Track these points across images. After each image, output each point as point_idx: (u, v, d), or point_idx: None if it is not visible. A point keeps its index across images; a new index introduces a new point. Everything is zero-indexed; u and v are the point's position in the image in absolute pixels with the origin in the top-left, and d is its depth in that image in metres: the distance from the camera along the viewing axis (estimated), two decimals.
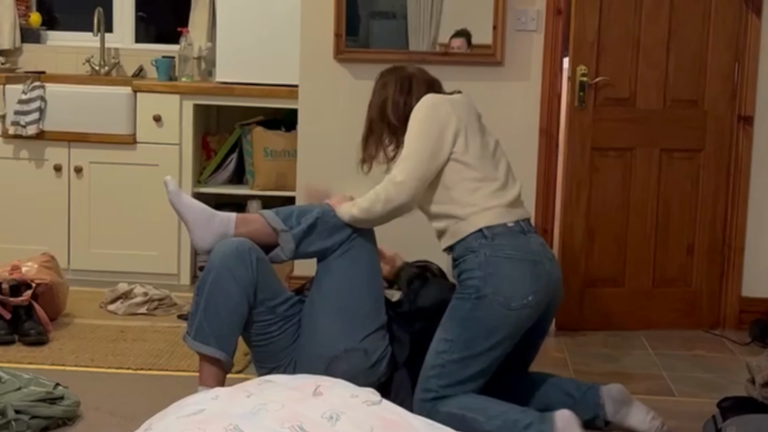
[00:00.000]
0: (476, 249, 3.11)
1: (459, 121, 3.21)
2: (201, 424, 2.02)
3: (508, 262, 3.10)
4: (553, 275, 3.20)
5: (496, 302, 3.07)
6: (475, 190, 3.17)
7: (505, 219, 3.16)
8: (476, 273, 3.09)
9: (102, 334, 4.16)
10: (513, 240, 3.13)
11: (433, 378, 3.11)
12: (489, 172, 3.21)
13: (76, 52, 5.55)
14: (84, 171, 5.01)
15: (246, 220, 3.28)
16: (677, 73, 4.45)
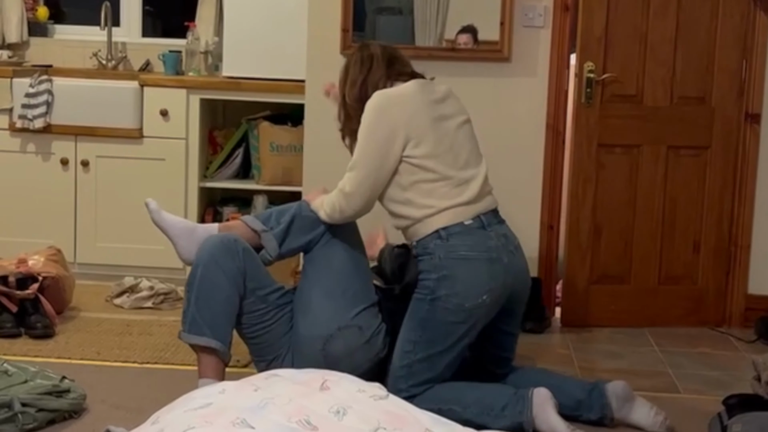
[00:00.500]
0: (432, 251, 3.16)
1: (408, 123, 3.19)
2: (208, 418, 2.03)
3: (462, 262, 3.14)
4: (512, 268, 3.23)
5: (450, 303, 3.13)
6: (431, 191, 3.19)
7: (463, 217, 3.18)
8: (431, 275, 3.15)
9: (108, 327, 4.17)
10: (469, 238, 3.16)
11: (402, 378, 3.17)
12: (445, 170, 3.20)
13: (83, 46, 5.56)
14: (91, 165, 5.02)
15: (228, 227, 3.39)
16: (684, 70, 4.44)
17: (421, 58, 4.59)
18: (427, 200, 3.18)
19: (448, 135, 3.26)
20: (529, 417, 3.07)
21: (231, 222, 3.45)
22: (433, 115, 3.26)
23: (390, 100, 3.24)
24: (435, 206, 3.18)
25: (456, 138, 3.28)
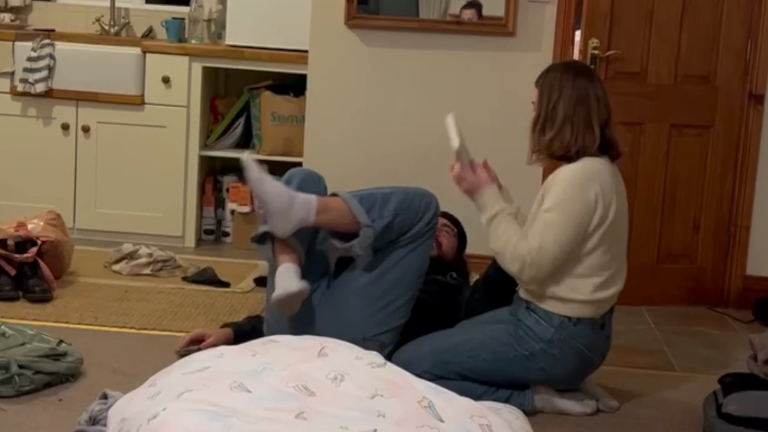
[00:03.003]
0: (556, 326, 3.05)
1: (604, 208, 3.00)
2: (206, 381, 2.03)
3: (576, 356, 3.07)
4: (597, 366, 3.20)
5: (537, 372, 3.09)
6: (586, 277, 3.04)
7: (597, 313, 3.09)
8: (541, 345, 3.05)
9: (106, 293, 4.17)
10: (590, 336, 3.07)
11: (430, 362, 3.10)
12: (606, 262, 3.05)
13: (86, 11, 5.53)
14: (91, 130, 5.00)
15: (327, 206, 3.12)
16: (689, 48, 4.42)
17: (426, 31, 4.60)
18: (577, 284, 3.03)
19: (618, 229, 3.10)
20: (530, 406, 3.13)
21: (331, 200, 3.14)
22: (618, 202, 3.07)
23: (593, 178, 3.01)
24: (582, 295, 3.04)
25: (621, 235, 3.14)
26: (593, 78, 3.18)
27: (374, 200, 3.13)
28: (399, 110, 4.66)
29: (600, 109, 3.09)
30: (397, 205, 3.13)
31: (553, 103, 3.08)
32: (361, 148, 4.69)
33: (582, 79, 3.12)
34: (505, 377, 3.13)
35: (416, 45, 4.60)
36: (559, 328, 3.05)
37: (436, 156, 4.46)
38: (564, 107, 3.06)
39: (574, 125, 3.05)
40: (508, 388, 3.15)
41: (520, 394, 3.15)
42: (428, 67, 4.61)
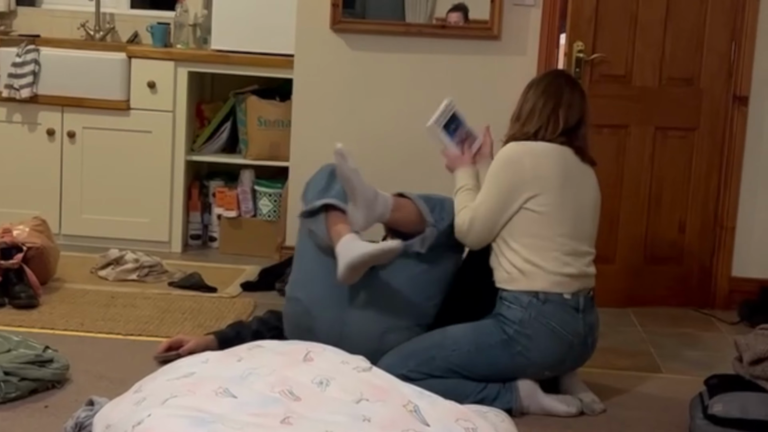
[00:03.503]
0: (525, 306, 3.13)
1: (538, 178, 3.15)
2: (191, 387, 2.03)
3: (549, 333, 3.13)
4: (581, 357, 3.26)
5: (517, 357, 3.13)
6: (542, 249, 3.15)
7: (563, 289, 3.16)
8: (515, 326, 3.13)
9: (92, 299, 4.16)
10: (562, 314, 3.14)
11: (414, 360, 3.12)
12: (563, 236, 3.17)
13: (71, 16, 5.51)
14: (77, 136, 4.99)
15: (400, 205, 3.25)
16: (674, 51, 4.44)
17: (412, 35, 4.61)
18: (535, 257, 3.15)
19: (575, 203, 3.23)
20: (517, 405, 3.15)
21: (402, 200, 3.25)
22: (566, 181, 3.21)
23: (523, 155, 3.20)
24: (544, 267, 3.14)
25: (582, 210, 3.26)
26: (574, 86, 3.36)
27: (434, 203, 3.30)
28: (385, 114, 4.66)
29: (571, 111, 3.27)
30: (451, 209, 3.29)
31: (527, 95, 3.33)
32: None
33: (560, 81, 3.34)
34: (490, 368, 3.15)
35: (402, 49, 4.60)
36: (527, 307, 3.12)
37: (423, 159, 4.47)
38: (533, 98, 3.29)
39: (539, 114, 3.25)
40: (496, 382, 3.17)
41: (507, 392, 3.15)
42: (414, 71, 4.62)
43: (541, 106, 3.27)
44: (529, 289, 3.13)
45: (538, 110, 3.26)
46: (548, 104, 3.26)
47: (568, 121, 3.25)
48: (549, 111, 3.26)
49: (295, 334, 3.24)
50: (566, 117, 3.26)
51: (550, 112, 3.26)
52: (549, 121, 3.25)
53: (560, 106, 3.26)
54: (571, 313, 3.17)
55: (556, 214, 3.17)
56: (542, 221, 3.16)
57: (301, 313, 3.28)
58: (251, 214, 5.12)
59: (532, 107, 3.28)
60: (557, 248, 3.16)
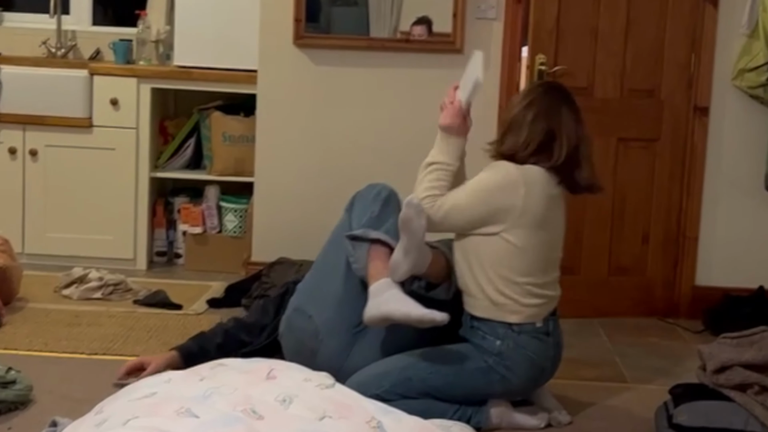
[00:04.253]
0: (501, 337, 3.13)
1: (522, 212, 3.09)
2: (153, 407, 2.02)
3: (527, 362, 3.14)
4: (550, 375, 3.28)
5: (496, 384, 3.14)
6: (519, 284, 3.12)
7: (536, 319, 3.16)
8: (495, 357, 3.13)
9: (56, 318, 4.12)
10: (536, 342, 3.15)
11: (389, 381, 3.10)
12: (534, 269, 3.14)
13: (32, 33, 5.48)
14: (39, 154, 4.96)
15: (435, 258, 3.18)
16: (635, 63, 4.48)
17: (375, 49, 4.62)
18: (508, 290, 3.12)
19: (551, 234, 3.20)
20: (489, 423, 3.16)
21: (436, 253, 3.19)
22: (549, 213, 3.17)
23: (517, 183, 3.11)
24: (514, 299, 3.12)
25: (556, 240, 3.24)
26: (571, 103, 3.26)
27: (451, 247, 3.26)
28: (349, 128, 4.67)
29: (568, 134, 3.18)
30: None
31: (521, 109, 3.22)
32: (312, 167, 4.69)
33: (557, 97, 3.24)
34: (467, 392, 3.15)
35: (365, 63, 4.62)
36: (504, 338, 3.11)
37: (387, 173, 4.46)
38: (541, 122, 3.17)
39: (532, 133, 3.16)
40: (470, 404, 3.17)
41: (478, 412, 3.16)
42: (377, 85, 4.63)
43: (541, 128, 3.16)
44: (503, 321, 3.12)
45: (539, 131, 3.16)
46: (549, 127, 3.16)
47: (564, 147, 3.16)
48: (550, 136, 3.16)
49: (297, 351, 3.22)
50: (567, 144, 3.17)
51: (551, 138, 3.16)
52: (551, 146, 3.16)
53: (562, 130, 3.17)
54: (543, 339, 3.17)
55: (534, 249, 3.13)
56: (519, 255, 3.11)
57: (310, 332, 3.22)
58: (217, 230, 5.10)
59: (536, 129, 3.16)
60: (531, 282, 3.13)
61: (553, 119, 3.18)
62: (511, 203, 3.09)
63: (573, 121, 3.22)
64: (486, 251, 3.13)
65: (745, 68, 4.42)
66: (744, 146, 4.54)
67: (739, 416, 3.00)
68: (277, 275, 4.34)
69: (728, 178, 4.56)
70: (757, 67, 4.38)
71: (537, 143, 3.15)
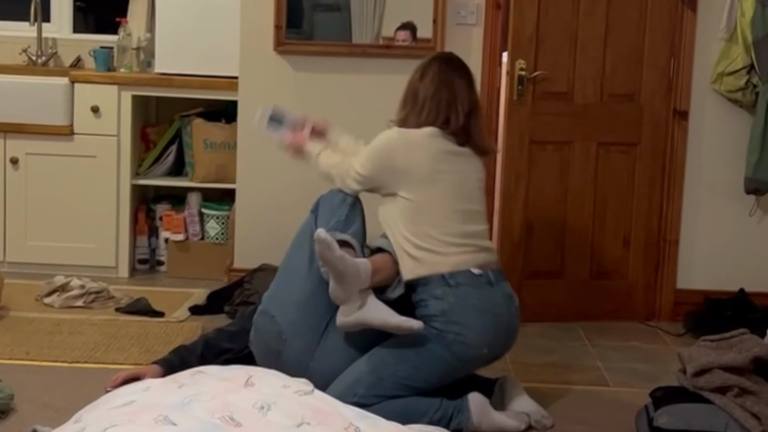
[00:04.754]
0: (441, 296, 3.14)
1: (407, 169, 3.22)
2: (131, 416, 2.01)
3: (473, 311, 3.14)
4: (511, 330, 3.27)
5: (456, 347, 3.13)
6: (434, 236, 3.18)
7: (469, 265, 3.19)
8: (440, 319, 3.13)
9: (38, 326, 4.11)
10: (478, 290, 3.17)
11: (364, 385, 3.11)
12: (443, 220, 3.21)
13: (12, 41, 5.46)
14: (20, 162, 4.94)
15: (377, 268, 3.17)
16: (614, 67, 4.50)
17: (356, 56, 4.63)
18: (426, 243, 3.18)
19: (457, 187, 3.28)
20: (468, 424, 3.15)
21: (379, 260, 3.21)
22: (443, 166, 3.26)
23: (397, 144, 3.27)
24: (436, 251, 3.17)
25: (467, 192, 3.30)
26: (463, 72, 3.41)
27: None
28: None
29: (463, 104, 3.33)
30: None
31: (422, 80, 3.37)
32: (294, 173, 4.68)
33: (455, 72, 3.39)
34: (436, 370, 3.14)
35: (346, 69, 4.62)
36: (444, 297, 3.14)
37: None
38: (431, 87, 3.33)
39: (438, 105, 3.31)
40: (446, 386, 3.18)
41: (460, 412, 3.15)
42: (358, 91, 4.64)
43: (438, 97, 3.32)
44: (434, 273, 3.16)
45: (436, 101, 3.31)
46: (445, 96, 3.31)
47: (461, 115, 3.31)
48: (446, 104, 3.31)
49: (264, 352, 3.25)
50: (462, 111, 3.31)
51: (447, 106, 3.31)
52: (447, 114, 3.30)
53: (457, 99, 3.32)
54: (486, 288, 3.20)
55: (434, 202, 3.22)
56: (420, 209, 3.21)
57: (274, 333, 3.24)
58: (199, 237, 5.10)
59: (430, 95, 3.32)
60: (446, 233, 3.20)
61: (447, 88, 3.33)
62: (394, 163, 3.24)
63: (466, 90, 3.36)
64: (393, 213, 3.25)
65: (724, 72, 4.45)
66: (724, 150, 4.56)
67: (719, 419, 3.02)
68: (260, 282, 4.33)
69: (708, 182, 4.59)
70: (736, 71, 4.42)
71: (434, 111, 3.30)
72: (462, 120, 3.30)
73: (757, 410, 3.00)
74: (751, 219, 4.58)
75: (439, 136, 3.28)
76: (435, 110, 3.30)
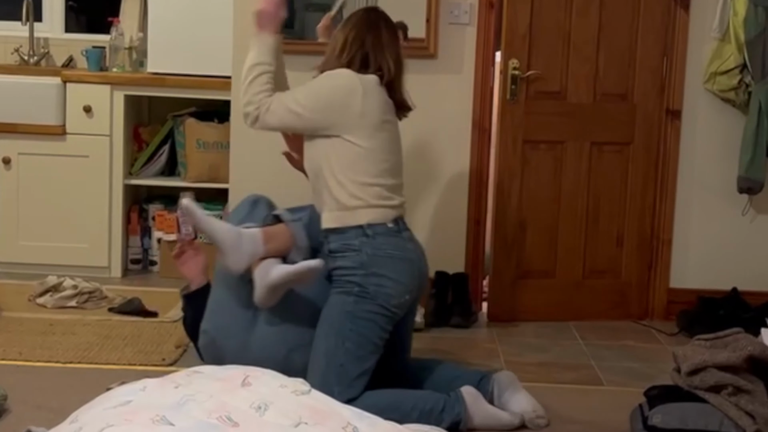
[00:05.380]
0: (358, 247, 3.21)
1: (363, 114, 3.25)
2: (128, 415, 2.01)
3: (390, 261, 3.21)
4: (423, 271, 3.35)
5: (379, 299, 3.18)
6: (366, 186, 3.24)
7: (388, 219, 3.27)
8: (358, 271, 3.19)
9: (30, 327, 4.10)
10: (392, 240, 3.25)
11: (334, 379, 3.13)
12: (384, 172, 3.28)
13: (4, 41, 5.44)
14: (12, 162, 4.93)
15: (270, 235, 3.29)
16: (607, 67, 4.50)
17: None
18: (360, 192, 3.23)
19: (392, 140, 3.35)
20: (465, 416, 3.16)
21: (273, 229, 3.32)
22: (385, 117, 3.33)
23: (356, 84, 3.28)
24: (366, 200, 3.23)
25: (396, 145, 3.38)
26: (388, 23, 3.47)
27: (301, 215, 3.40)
28: None
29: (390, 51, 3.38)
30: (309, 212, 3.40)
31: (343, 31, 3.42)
32: (287, 173, 4.66)
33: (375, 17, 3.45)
34: (374, 327, 3.18)
35: None
36: (361, 248, 3.20)
37: None
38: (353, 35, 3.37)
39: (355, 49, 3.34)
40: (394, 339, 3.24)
41: (454, 403, 3.16)
42: None
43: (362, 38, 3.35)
44: (355, 224, 3.21)
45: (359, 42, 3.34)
46: (370, 40, 3.34)
47: (391, 64, 3.35)
48: (372, 49, 3.34)
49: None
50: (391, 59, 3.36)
51: (374, 51, 3.34)
52: (378, 62, 3.33)
53: (384, 47, 3.36)
54: (398, 236, 3.27)
55: (379, 150, 3.27)
56: (367, 156, 3.25)
57: (208, 344, 3.37)
58: (191, 237, 5.07)
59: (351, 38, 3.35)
60: (381, 184, 3.26)
61: (373, 36, 3.37)
62: (350, 105, 3.25)
63: (392, 42, 3.41)
64: (334, 156, 3.27)
65: (716, 71, 4.46)
66: (716, 149, 4.57)
67: (714, 417, 3.02)
68: None
69: (701, 181, 4.59)
70: (729, 71, 4.42)
71: (361, 58, 3.33)
72: (393, 69, 3.35)
73: (752, 409, 3.00)
74: (744, 218, 4.59)
75: (381, 87, 3.34)
76: (361, 57, 3.33)
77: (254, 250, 3.22)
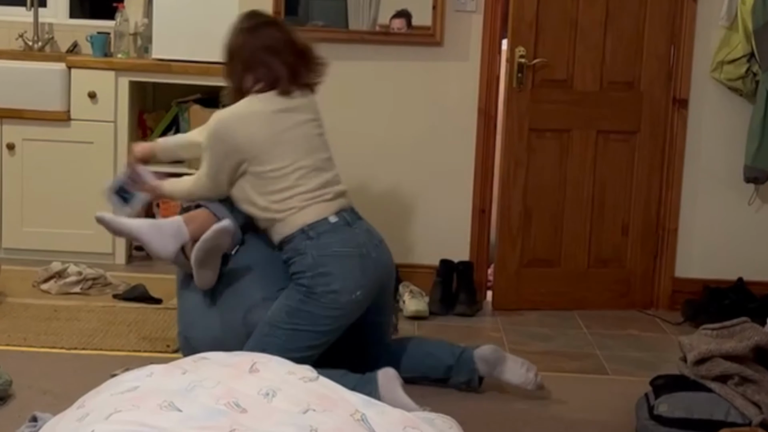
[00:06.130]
0: (304, 251, 3.21)
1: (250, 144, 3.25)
2: (135, 401, 2.00)
3: (336, 259, 3.20)
4: (380, 262, 3.31)
5: (326, 299, 3.17)
6: (289, 198, 3.25)
7: (326, 213, 3.25)
8: (306, 274, 3.19)
9: (35, 313, 4.10)
10: (338, 236, 3.23)
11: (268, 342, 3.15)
12: (296, 180, 3.27)
13: (8, 26, 5.43)
14: (17, 148, 4.92)
15: (190, 218, 3.39)
16: (614, 55, 4.48)
17: (354, 42, 4.61)
18: (284, 205, 3.25)
19: (300, 142, 3.33)
20: (376, 398, 3.10)
21: (192, 213, 3.42)
22: (280, 126, 3.31)
23: (229, 125, 3.30)
24: (295, 206, 3.24)
25: (311, 142, 3.38)
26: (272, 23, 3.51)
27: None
28: (327, 120, 4.63)
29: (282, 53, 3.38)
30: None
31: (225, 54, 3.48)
32: None
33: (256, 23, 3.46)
34: (324, 329, 3.18)
35: (344, 56, 4.59)
36: (306, 251, 3.20)
37: (364, 166, 4.49)
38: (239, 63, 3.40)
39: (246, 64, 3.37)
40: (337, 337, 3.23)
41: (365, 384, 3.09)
42: (357, 78, 4.61)
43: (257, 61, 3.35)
44: (296, 229, 3.22)
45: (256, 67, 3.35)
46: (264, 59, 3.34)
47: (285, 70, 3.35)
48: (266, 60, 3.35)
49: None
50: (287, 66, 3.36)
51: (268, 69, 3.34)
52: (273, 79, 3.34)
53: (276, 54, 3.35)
54: (345, 231, 3.25)
55: (287, 163, 3.26)
56: (276, 177, 3.25)
57: (184, 344, 3.41)
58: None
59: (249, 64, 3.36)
60: (302, 192, 3.25)
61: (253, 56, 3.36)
62: (235, 143, 3.25)
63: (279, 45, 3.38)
64: (249, 189, 3.29)
65: (724, 60, 4.44)
66: (723, 138, 4.56)
67: (720, 407, 3.02)
68: None
69: (707, 170, 4.58)
70: (736, 59, 4.40)
71: (254, 81, 3.34)
72: (288, 77, 3.34)
73: (758, 399, 3.00)
74: (750, 207, 4.58)
75: (264, 99, 3.32)
76: (252, 79, 3.34)
77: (177, 232, 3.33)
